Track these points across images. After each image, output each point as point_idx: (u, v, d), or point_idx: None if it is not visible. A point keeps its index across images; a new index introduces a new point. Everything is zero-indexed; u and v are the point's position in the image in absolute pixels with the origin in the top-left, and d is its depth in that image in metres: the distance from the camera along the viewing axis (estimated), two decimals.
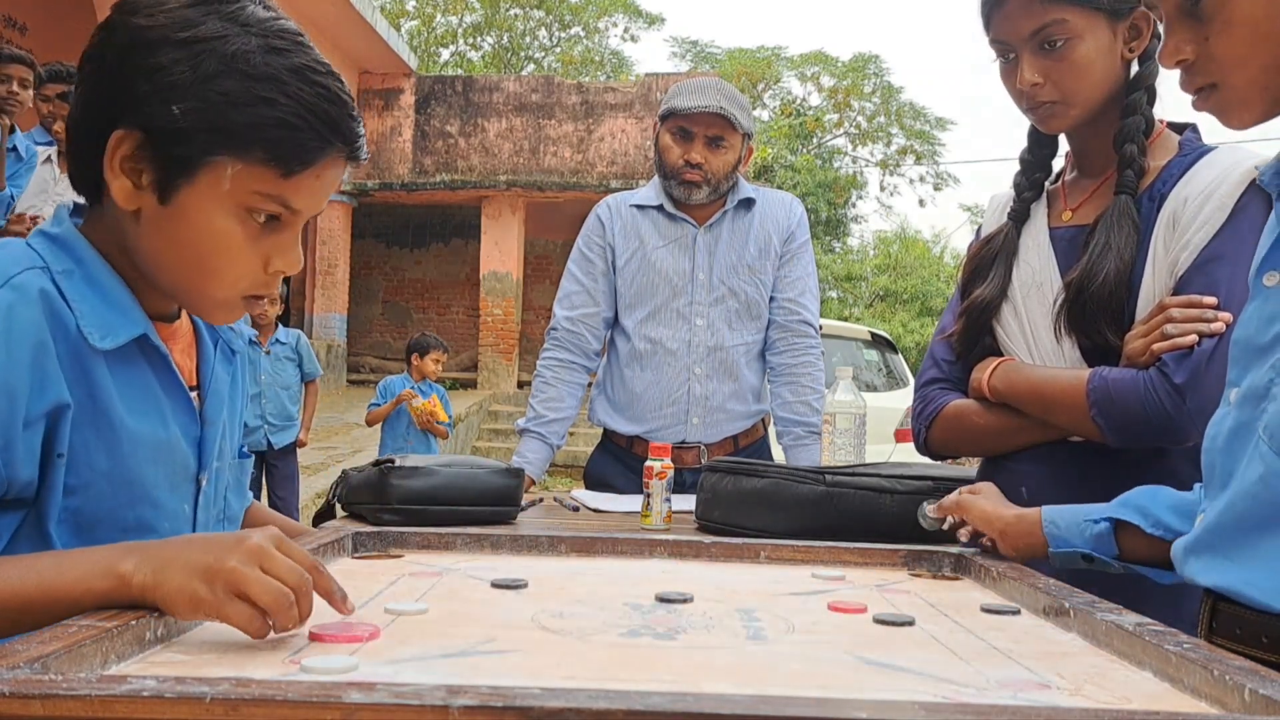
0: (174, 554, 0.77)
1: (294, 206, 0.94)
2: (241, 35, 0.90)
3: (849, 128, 22.09)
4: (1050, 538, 1.17)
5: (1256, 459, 0.92)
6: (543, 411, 2.32)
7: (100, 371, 0.93)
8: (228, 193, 0.91)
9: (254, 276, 0.96)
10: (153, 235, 0.94)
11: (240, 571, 0.74)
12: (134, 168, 0.92)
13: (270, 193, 0.92)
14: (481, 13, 21.48)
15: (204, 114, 0.89)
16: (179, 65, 0.89)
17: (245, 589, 0.74)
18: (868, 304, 21.37)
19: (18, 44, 7.88)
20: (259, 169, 0.91)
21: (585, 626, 0.89)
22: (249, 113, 0.89)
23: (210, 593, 0.74)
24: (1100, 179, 1.46)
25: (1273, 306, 0.94)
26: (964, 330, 1.52)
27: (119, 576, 0.76)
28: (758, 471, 1.59)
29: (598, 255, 2.35)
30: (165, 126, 0.89)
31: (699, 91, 2.21)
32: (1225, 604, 0.95)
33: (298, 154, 0.92)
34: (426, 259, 14.93)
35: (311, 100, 0.91)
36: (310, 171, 0.93)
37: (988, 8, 1.41)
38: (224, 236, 0.93)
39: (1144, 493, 1.13)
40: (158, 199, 0.92)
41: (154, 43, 0.90)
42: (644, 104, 12.99)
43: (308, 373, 5.60)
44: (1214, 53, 0.93)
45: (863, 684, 0.74)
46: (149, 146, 0.90)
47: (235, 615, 0.74)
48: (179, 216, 0.92)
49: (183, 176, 0.91)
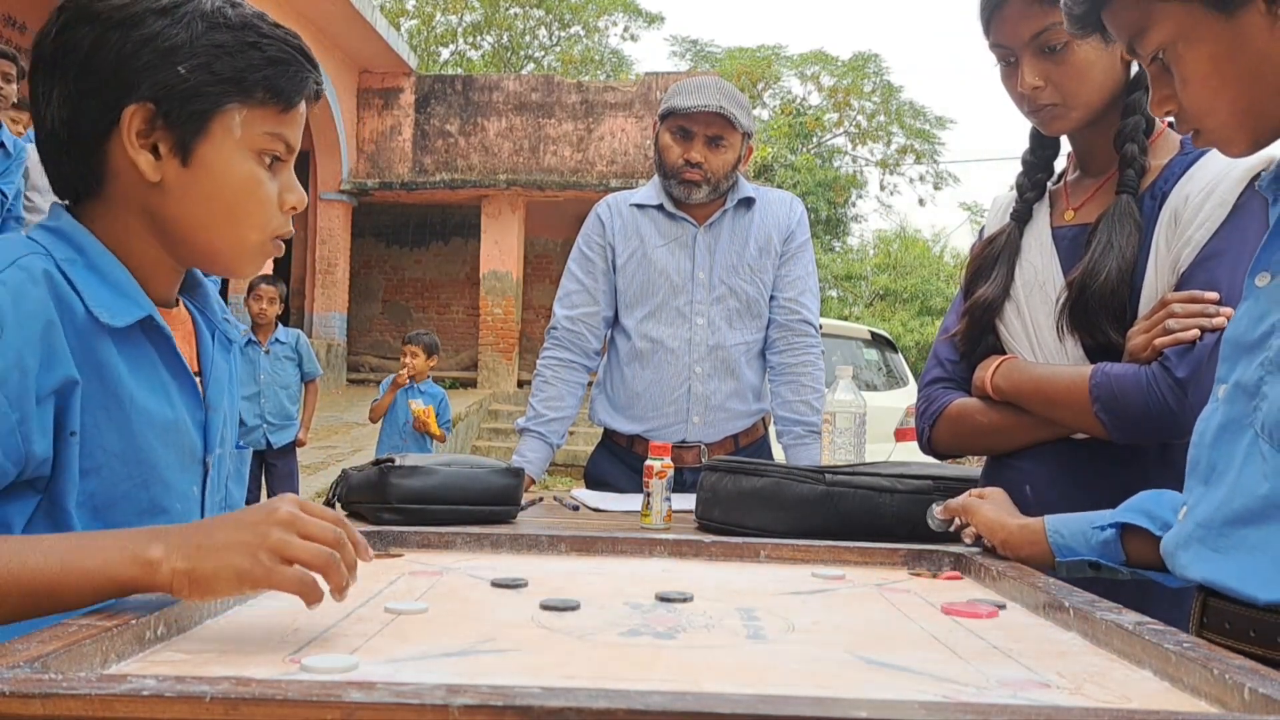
0: (204, 537, 0.77)
1: (290, 142, 1.01)
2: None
3: (849, 127, 22.09)
4: (1056, 547, 1.17)
5: (1255, 456, 0.92)
6: (543, 411, 2.32)
7: (108, 352, 0.94)
8: (241, 139, 0.97)
9: (275, 217, 1.02)
10: (181, 199, 0.97)
11: (284, 540, 0.76)
12: (147, 141, 0.95)
13: (274, 130, 0.99)
14: (481, 12, 21.48)
15: (208, 67, 0.94)
16: (171, 29, 0.94)
17: (292, 555, 0.76)
18: (867, 303, 21.37)
19: (16, 43, 7.90)
20: (261, 109, 0.97)
21: (585, 626, 0.89)
22: (243, 57, 0.96)
23: (256, 564, 0.75)
24: (1102, 178, 1.46)
25: (1263, 306, 0.96)
26: (967, 329, 1.53)
27: (147, 563, 0.76)
28: (758, 471, 1.59)
29: (598, 254, 2.35)
30: (175, 89, 0.94)
31: (698, 91, 2.21)
32: (1215, 599, 0.96)
33: (291, 85, 0.98)
34: (426, 258, 14.92)
35: (285, 38, 0.99)
36: (299, 105, 1.00)
37: (987, 12, 1.41)
38: (248, 179, 0.98)
39: (1148, 497, 1.13)
40: (179, 162, 0.96)
41: (137, 16, 0.94)
42: (644, 103, 12.99)
43: (307, 372, 5.59)
44: (1183, 105, 0.98)
45: (863, 684, 0.74)
46: (161, 114, 0.94)
47: (287, 581, 0.76)
48: (203, 172, 0.96)
49: (199, 133, 0.95)
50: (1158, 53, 0.98)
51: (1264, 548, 0.90)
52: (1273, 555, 0.89)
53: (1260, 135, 0.96)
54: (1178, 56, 0.96)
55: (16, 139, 4.44)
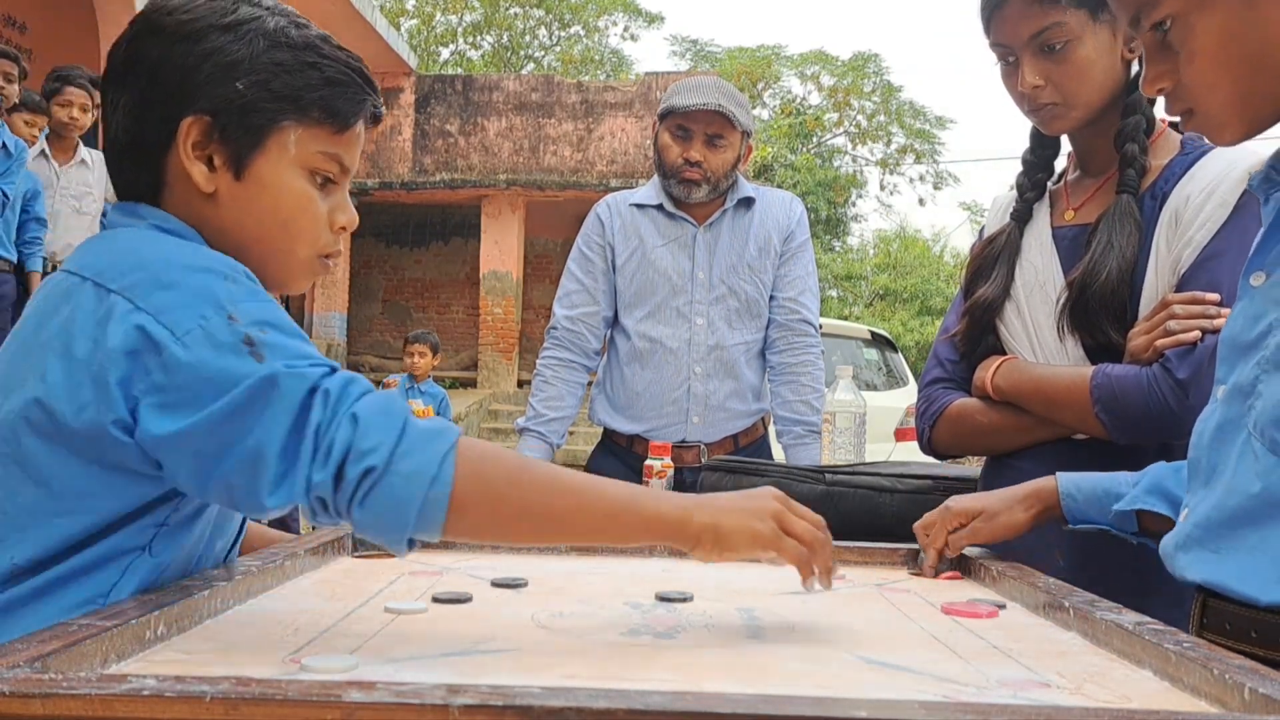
0: (722, 503, 0.92)
1: (345, 163, 1.02)
2: (270, 15, 0.98)
3: (849, 127, 22.07)
4: (1069, 512, 1.20)
5: (1248, 455, 0.92)
6: (543, 410, 2.32)
7: None
8: (294, 156, 0.98)
9: (326, 235, 1.03)
10: (233, 211, 0.98)
11: (787, 515, 0.92)
12: (203, 153, 0.96)
13: (328, 150, 1.00)
14: (481, 12, 21.46)
15: (265, 84, 0.96)
16: (233, 45, 0.96)
17: (791, 528, 0.91)
18: (867, 303, 21.36)
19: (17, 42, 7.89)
20: (316, 129, 0.99)
21: (585, 626, 0.89)
22: (301, 77, 0.97)
23: (769, 529, 0.90)
24: (1102, 178, 1.46)
25: (1259, 305, 0.96)
26: (967, 330, 1.53)
27: (685, 511, 0.89)
28: (758, 470, 1.59)
29: (597, 254, 2.35)
30: (233, 103, 0.95)
31: (697, 90, 2.21)
32: (1215, 600, 0.96)
33: (348, 109, 1.00)
34: (426, 258, 14.92)
35: (346, 60, 1.01)
36: (355, 126, 1.02)
37: (987, 11, 1.41)
38: (300, 196, 1.00)
39: (1166, 474, 1.14)
40: (233, 175, 0.97)
41: (202, 31, 0.96)
42: (644, 103, 12.98)
43: None
44: (1184, 81, 0.95)
45: (863, 683, 0.74)
46: (218, 127, 0.96)
47: (789, 549, 0.91)
48: (256, 187, 0.98)
49: (254, 148, 0.97)
50: (1164, 21, 0.95)
51: (1263, 548, 0.90)
52: (1272, 555, 0.89)
53: (1254, 123, 0.95)
54: (1188, 27, 0.93)
55: (18, 140, 4.46)
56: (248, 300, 0.86)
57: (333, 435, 0.80)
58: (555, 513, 0.87)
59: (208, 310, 0.83)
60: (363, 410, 0.81)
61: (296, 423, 0.80)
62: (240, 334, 0.82)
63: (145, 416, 0.82)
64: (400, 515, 0.80)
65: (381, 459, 0.79)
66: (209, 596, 0.86)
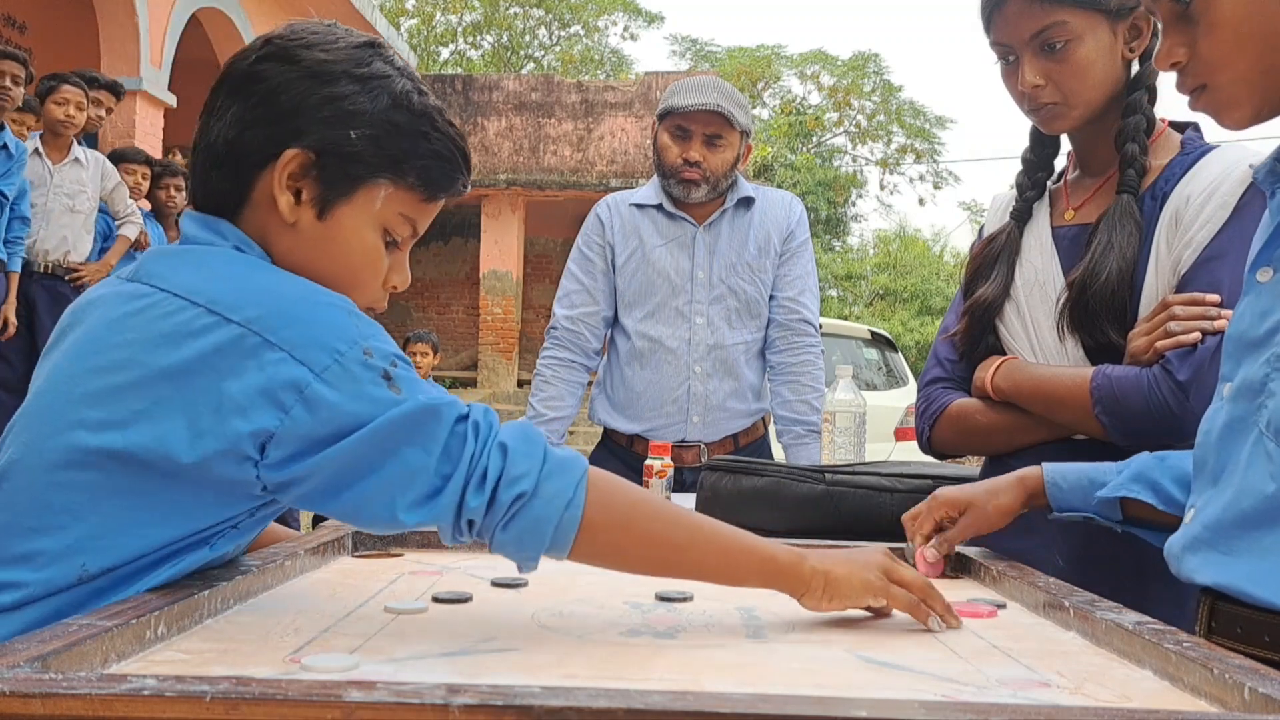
0: (834, 555, 0.96)
1: (418, 229, 1.05)
2: (399, 77, 1.01)
3: (849, 126, 22.07)
4: (1053, 499, 1.20)
5: (1261, 455, 0.91)
6: (542, 410, 2.32)
7: None
8: (377, 212, 1.00)
9: (378, 290, 1.05)
10: (306, 247, 0.99)
11: (895, 568, 0.95)
12: (295, 184, 0.98)
13: (409, 214, 1.02)
14: (481, 11, 21.46)
15: (376, 140, 0.98)
16: (358, 96, 0.98)
17: (901, 579, 0.94)
18: (867, 303, 21.36)
19: (17, 43, 7.89)
20: (407, 193, 1.01)
21: (585, 625, 0.89)
22: (411, 142, 1.00)
23: (878, 579, 0.94)
24: (1102, 178, 1.46)
25: (1266, 302, 0.95)
26: (967, 329, 1.52)
27: (798, 557, 0.93)
28: (758, 470, 1.59)
29: (597, 254, 2.35)
30: (340, 148, 0.97)
31: (696, 90, 2.22)
32: (1225, 603, 0.95)
33: (442, 181, 1.03)
34: (426, 258, 14.91)
35: (454, 136, 1.04)
36: (441, 199, 1.05)
37: (988, 10, 1.41)
38: (370, 250, 1.01)
39: (1151, 464, 1.14)
40: (316, 214, 0.98)
41: (335, 75, 0.98)
42: (644, 103, 12.98)
43: None
44: (1202, 54, 0.95)
45: (863, 683, 0.74)
46: (318, 166, 0.97)
47: (899, 596, 0.94)
48: (335, 230, 0.99)
49: (344, 195, 0.99)
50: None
51: (1276, 550, 0.89)
52: None
53: (1263, 105, 0.94)
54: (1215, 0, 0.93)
55: (19, 141, 4.45)
56: (375, 336, 0.89)
57: (486, 462, 0.86)
58: (674, 543, 0.92)
59: (342, 345, 0.85)
60: (509, 439, 0.88)
61: (448, 449, 0.86)
62: (378, 368, 0.86)
63: (277, 453, 0.84)
64: (538, 535, 0.86)
65: (531, 484, 0.86)
66: (209, 596, 0.86)
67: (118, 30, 7.36)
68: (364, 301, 1.04)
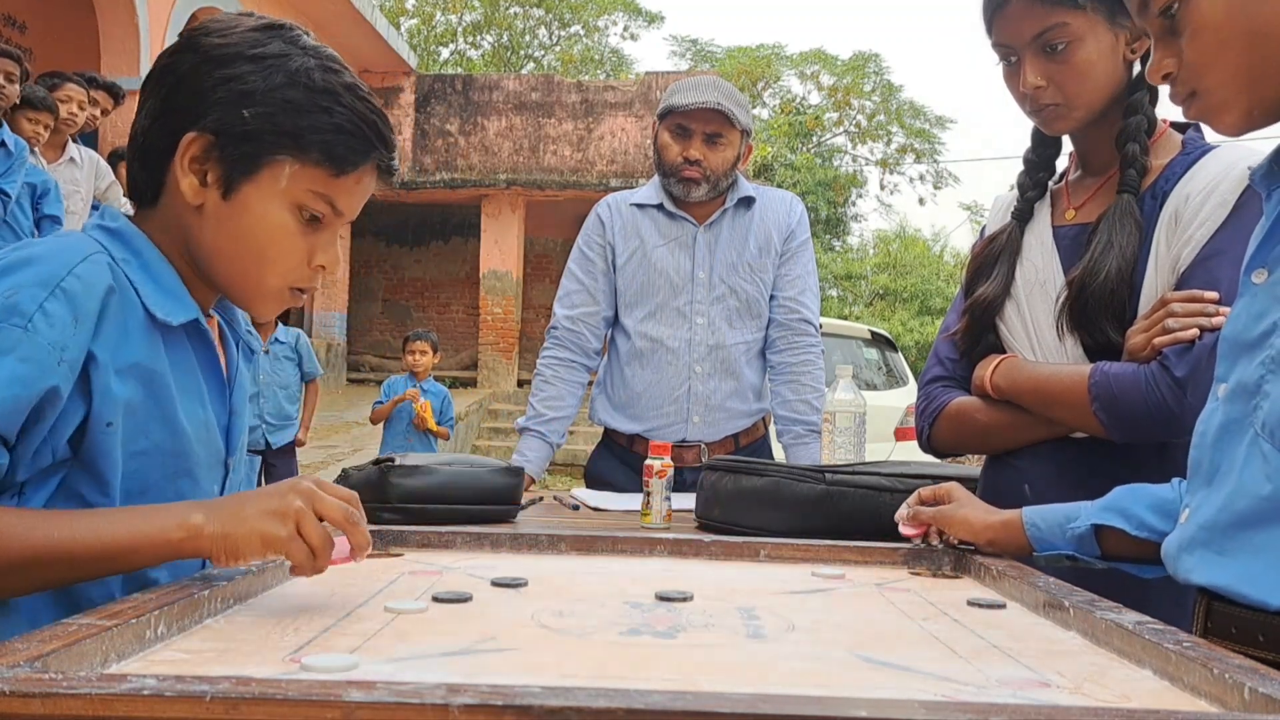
0: (237, 506, 0.90)
1: (338, 206, 1.06)
2: (302, 56, 1.03)
3: (849, 126, 22.07)
4: (1034, 540, 1.19)
5: (1256, 456, 0.91)
6: (543, 410, 2.32)
7: (160, 349, 1.02)
8: (284, 189, 1.03)
9: (300, 270, 1.08)
10: (214, 229, 1.04)
11: (303, 508, 0.89)
12: (200, 167, 1.02)
13: (320, 191, 1.04)
14: (481, 11, 21.46)
15: (271, 118, 1.01)
16: (251, 76, 1.01)
17: (304, 528, 0.88)
18: (867, 303, 21.36)
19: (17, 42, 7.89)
20: (313, 169, 1.03)
21: (585, 625, 0.89)
22: (310, 118, 1.02)
23: (280, 529, 0.88)
24: (1103, 178, 1.46)
25: (1261, 303, 0.95)
26: (968, 328, 1.53)
27: (192, 527, 0.88)
28: (758, 470, 1.59)
29: (598, 254, 2.35)
30: (236, 128, 1.01)
31: (697, 89, 2.22)
32: (1220, 603, 0.95)
33: (348, 156, 1.04)
34: (426, 258, 14.92)
35: (362, 111, 1.05)
36: (355, 174, 1.06)
37: (989, 11, 1.41)
38: (279, 228, 1.04)
39: (1124, 494, 1.14)
40: (221, 194, 1.03)
41: (229, 57, 1.02)
42: (644, 102, 12.98)
43: (307, 372, 5.57)
44: (1188, 59, 0.96)
45: (863, 683, 0.74)
46: (218, 147, 1.02)
47: (297, 552, 0.88)
48: (240, 210, 1.03)
49: (246, 174, 1.02)
50: (1170, 6, 0.96)
51: (1271, 550, 0.89)
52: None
53: (1254, 106, 0.94)
54: (1194, 5, 0.94)
55: (18, 138, 4.44)
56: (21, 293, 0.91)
57: None
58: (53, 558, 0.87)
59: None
60: None
61: None
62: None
63: None
64: None
65: None
66: (209, 596, 0.86)
67: (118, 29, 7.37)
68: (282, 280, 1.07)
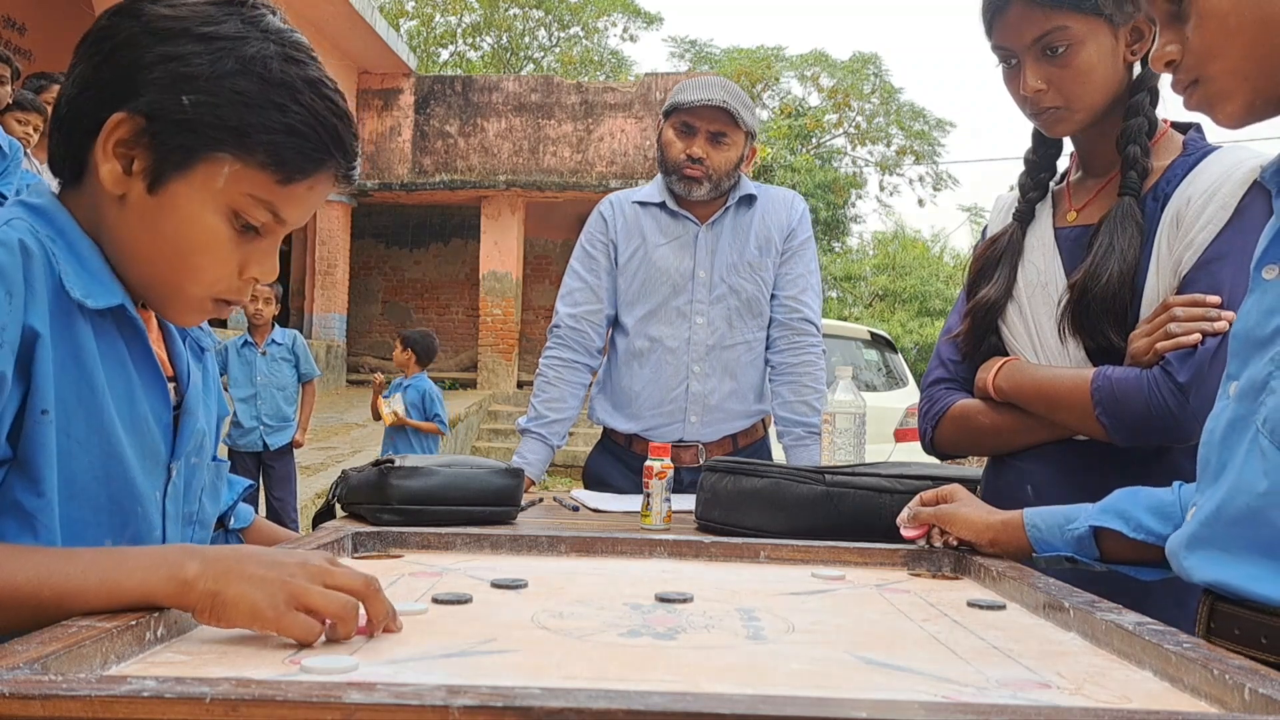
0: (235, 563, 0.78)
1: (282, 215, 0.94)
2: (261, 40, 0.91)
3: (848, 128, 22.07)
4: (1034, 541, 1.19)
5: (1255, 453, 0.91)
6: (544, 412, 2.32)
7: (84, 334, 0.90)
8: (220, 191, 0.91)
9: (229, 280, 0.95)
10: (134, 223, 0.92)
11: (305, 588, 0.77)
12: (127, 153, 0.90)
13: (263, 197, 0.92)
14: (480, 13, 21.46)
15: (215, 109, 0.88)
16: (197, 58, 0.89)
17: (309, 603, 0.77)
18: (867, 304, 21.38)
19: (16, 44, 7.90)
20: (256, 172, 0.91)
21: (585, 626, 0.89)
22: (260, 115, 0.89)
23: (271, 606, 0.76)
24: (1105, 179, 1.46)
25: (1272, 299, 0.95)
26: (970, 330, 1.53)
27: (183, 582, 0.77)
28: (758, 471, 1.59)
29: (600, 252, 2.35)
30: (172, 115, 0.88)
31: (703, 87, 2.22)
32: (1224, 604, 0.95)
33: (299, 162, 0.92)
34: (426, 259, 14.93)
35: (322, 112, 0.92)
36: (306, 182, 0.93)
37: (989, 15, 1.41)
38: (209, 234, 0.92)
39: (1123, 496, 1.14)
40: (146, 187, 0.91)
41: (173, 32, 0.89)
42: (643, 104, 12.99)
43: (304, 373, 5.58)
44: (1193, 47, 0.96)
45: (863, 684, 0.74)
46: (149, 133, 0.89)
47: (294, 627, 0.76)
48: (166, 207, 0.91)
49: (178, 168, 0.90)
50: None
51: (1269, 547, 0.89)
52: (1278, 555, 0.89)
53: (1256, 96, 0.94)
54: None
55: (13, 140, 4.44)
56: None
57: None
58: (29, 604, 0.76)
59: None
60: None
61: None
62: None
63: None
64: None
65: None
66: None
67: None
68: (205, 291, 0.95)
